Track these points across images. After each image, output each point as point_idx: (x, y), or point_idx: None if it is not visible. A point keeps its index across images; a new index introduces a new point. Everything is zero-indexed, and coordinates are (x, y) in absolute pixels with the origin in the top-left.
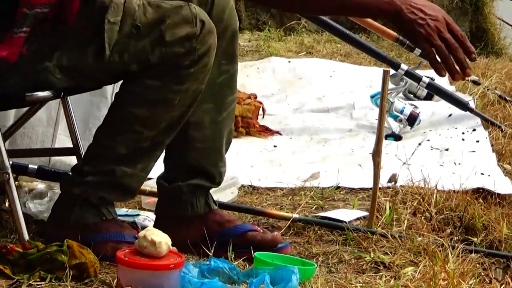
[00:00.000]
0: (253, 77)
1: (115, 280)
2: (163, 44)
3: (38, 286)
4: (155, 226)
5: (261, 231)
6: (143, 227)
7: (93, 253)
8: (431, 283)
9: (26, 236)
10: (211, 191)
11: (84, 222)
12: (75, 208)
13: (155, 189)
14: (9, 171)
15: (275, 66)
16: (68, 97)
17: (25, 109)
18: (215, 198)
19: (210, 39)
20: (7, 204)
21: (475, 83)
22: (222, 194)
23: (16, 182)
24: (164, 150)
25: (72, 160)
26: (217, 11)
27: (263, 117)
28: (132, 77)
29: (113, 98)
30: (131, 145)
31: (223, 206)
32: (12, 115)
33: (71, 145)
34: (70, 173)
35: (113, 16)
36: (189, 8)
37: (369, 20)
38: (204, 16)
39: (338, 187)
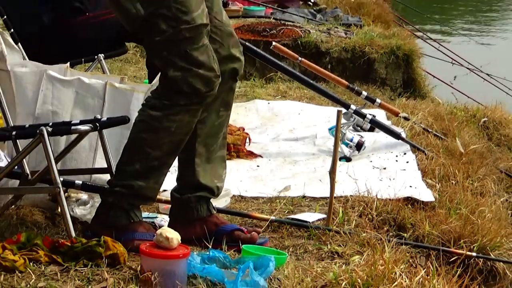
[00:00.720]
0: (241, 114)
1: (139, 267)
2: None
3: (82, 271)
4: (169, 226)
5: (246, 230)
6: (160, 226)
7: (123, 246)
8: (372, 267)
9: (73, 233)
10: (211, 200)
11: (117, 224)
12: (110, 212)
13: (169, 199)
14: (60, 185)
15: (258, 106)
16: (103, 130)
17: (73, 138)
18: (213, 205)
19: (208, 98)
20: (59, 210)
21: (406, 118)
22: (218, 201)
23: (66, 194)
24: (170, 167)
25: (107, 176)
26: (227, 69)
27: (249, 144)
28: (141, 109)
29: None
30: (143, 163)
31: (219, 211)
32: (63, 142)
33: (105, 166)
34: (106, 186)
35: None
36: (215, 74)
37: (327, 72)
38: (216, 83)
39: (304, 196)
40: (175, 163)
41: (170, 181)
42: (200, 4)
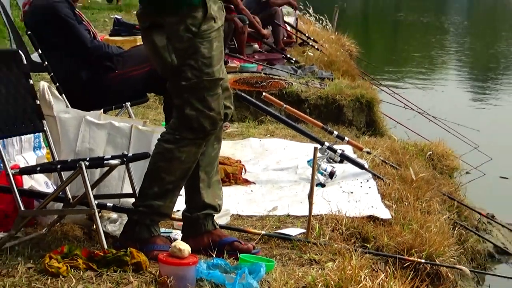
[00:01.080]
0: (238, 150)
1: (158, 272)
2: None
3: (112, 275)
4: (181, 239)
5: (242, 242)
6: (175, 240)
7: (145, 256)
8: (342, 272)
9: (105, 245)
10: (214, 217)
11: (141, 237)
12: (135, 228)
13: (181, 217)
14: (95, 207)
15: (252, 143)
16: (129, 163)
17: (105, 170)
18: (216, 222)
19: (212, 135)
20: (94, 227)
21: (368, 152)
22: (221, 219)
23: (100, 214)
24: (182, 190)
25: (132, 200)
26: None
27: (244, 173)
28: (157, 143)
29: None
30: (160, 187)
31: (221, 226)
32: (97, 173)
33: (131, 191)
34: (132, 207)
35: None
36: (220, 118)
37: (306, 116)
38: (220, 125)
39: (288, 215)
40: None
41: (181, 203)
42: (219, 61)
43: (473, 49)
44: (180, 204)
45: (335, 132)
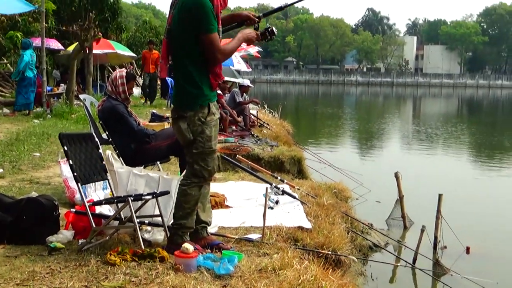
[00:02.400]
0: (222, 188)
1: (174, 262)
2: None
3: (147, 264)
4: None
5: (224, 243)
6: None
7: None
8: (283, 260)
9: (143, 246)
10: (207, 228)
11: (177, 242)
12: (173, 237)
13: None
14: (136, 224)
15: (230, 184)
16: (158, 197)
17: (143, 202)
18: (208, 231)
19: (208, 181)
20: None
21: (298, 189)
22: (211, 229)
23: (140, 227)
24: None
25: (159, 219)
26: None
27: (226, 202)
28: (179, 186)
29: None
30: (182, 211)
31: (212, 234)
32: (139, 203)
33: (158, 213)
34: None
35: None
36: (214, 172)
37: (262, 168)
38: (213, 175)
39: (251, 226)
40: None
41: None
42: (216, 138)
43: (359, 124)
44: None
45: (279, 177)
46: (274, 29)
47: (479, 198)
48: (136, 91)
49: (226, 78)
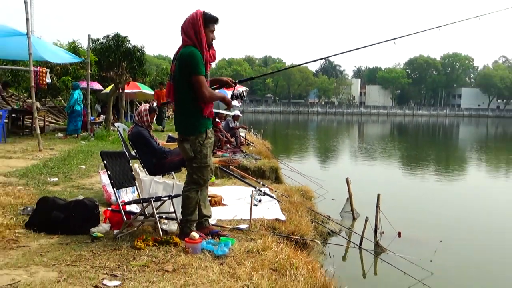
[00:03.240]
0: (220, 191)
1: (185, 246)
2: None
3: (165, 248)
4: (195, 231)
5: (221, 231)
6: None
7: (181, 240)
8: (265, 244)
9: (161, 235)
10: (209, 220)
11: (186, 232)
12: (183, 229)
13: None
14: (157, 218)
15: (226, 188)
16: (173, 199)
17: (162, 202)
18: (210, 222)
19: (204, 186)
20: (157, 226)
21: (275, 191)
22: (212, 221)
23: (160, 220)
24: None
25: (173, 215)
26: None
27: (222, 201)
28: (182, 189)
29: None
30: (188, 210)
31: (212, 225)
32: (159, 203)
33: (173, 211)
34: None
35: None
36: (208, 180)
37: (249, 176)
38: (208, 182)
39: (241, 219)
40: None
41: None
42: (210, 156)
43: (319, 142)
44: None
45: (261, 183)
46: (243, 93)
47: (408, 196)
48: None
49: (222, 111)
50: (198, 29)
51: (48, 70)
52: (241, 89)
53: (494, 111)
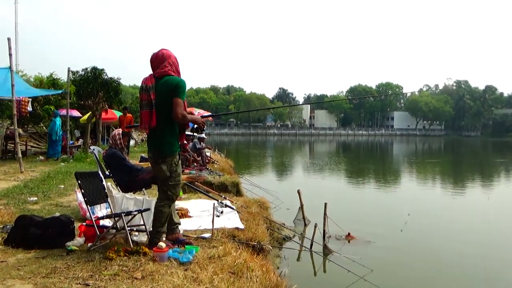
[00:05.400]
0: (186, 204)
1: (153, 255)
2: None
3: (135, 257)
4: (163, 241)
5: (187, 240)
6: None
7: (150, 250)
8: (225, 250)
9: (131, 246)
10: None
11: (156, 242)
12: (153, 239)
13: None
14: (127, 231)
15: (192, 202)
16: (142, 213)
17: (132, 216)
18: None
19: (174, 201)
20: (128, 238)
21: (236, 203)
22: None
23: (130, 233)
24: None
25: (143, 227)
26: None
27: (188, 213)
28: (155, 204)
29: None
30: (159, 222)
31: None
32: (130, 217)
33: (143, 223)
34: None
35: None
36: (178, 195)
37: (212, 190)
38: (177, 197)
39: (205, 229)
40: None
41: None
42: (180, 175)
43: (275, 159)
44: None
45: (223, 196)
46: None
47: (352, 203)
48: (132, 142)
49: (188, 133)
50: (177, 63)
51: (30, 99)
52: (206, 114)
53: (421, 131)
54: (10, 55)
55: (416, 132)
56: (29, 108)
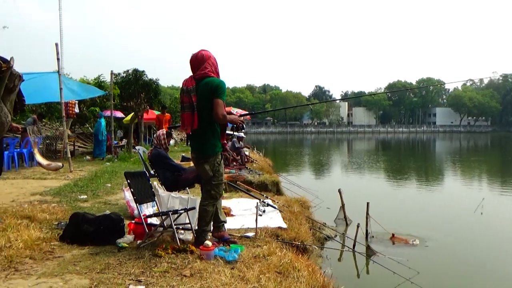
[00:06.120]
0: (229, 203)
1: (200, 253)
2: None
3: (182, 255)
4: (209, 239)
5: (232, 239)
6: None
7: (196, 248)
8: (270, 249)
9: (178, 243)
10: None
11: (202, 240)
12: (199, 237)
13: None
14: (174, 229)
15: (233, 200)
16: (188, 211)
17: (179, 214)
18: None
19: (218, 200)
20: (174, 237)
21: (277, 202)
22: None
23: (177, 231)
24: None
25: (189, 226)
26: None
27: (231, 211)
28: (199, 204)
29: None
30: (204, 221)
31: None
32: (176, 215)
33: (188, 222)
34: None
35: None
36: (222, 193)
37: (254, 190)
38: (221, 195)
39: (248, 227)
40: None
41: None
42: (223, 174)
43: (313, 157)
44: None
45: (264, 195)
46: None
47: (394, 203)
48: (172, 142)
49: (228, 132)
50: (217, 64)
51: (77, 101)
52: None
53: (466, 127)
54: (58, 59)
55: (460, 129)
56: (76, 110)
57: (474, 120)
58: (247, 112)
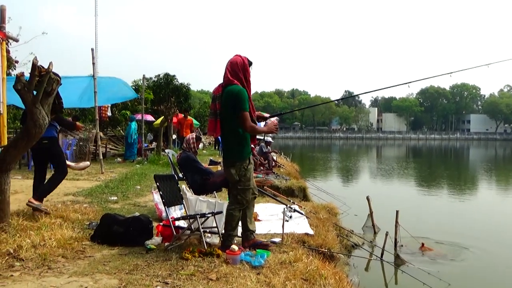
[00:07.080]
0: (256, 208)
1: (226, 257)
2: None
3: (209, 259)
4: (235, 244)
5: (264, 243)
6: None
7: (223, 252)
8: (296, 255)
9: (206, 247)
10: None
11: (228, 245)
12: (226, 242)
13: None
14: (202, 232)
15: (261, 206)
16: (215, 215)
17: (206, 218)
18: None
19: (245, 205)
20: (201, 240)
21: (304, 208)
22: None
23: (204, 234)
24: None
25: (216, 229)
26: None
27: (258, 217)
28: (227, 207)
29: None
30: (231, 225)
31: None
32: (203, 219)
33: (215, 225)
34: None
35: None
36: (250, 200)
37: (280, 194)
38: (249, 201)
39: (275, 233)
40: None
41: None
42: (252, 179)
43: (341, 163)
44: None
45: (291, 201)
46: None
47: (425, 212)
48: (201, 145)
49: (259, 137)
50: (248, 71)
51: (110, 105)
52: (273, 118)
53: (502, 135)
54: (93, 64)
55: (495, 136)
56: (109, 113)
57: (511, 127)
58: (275, 114)
